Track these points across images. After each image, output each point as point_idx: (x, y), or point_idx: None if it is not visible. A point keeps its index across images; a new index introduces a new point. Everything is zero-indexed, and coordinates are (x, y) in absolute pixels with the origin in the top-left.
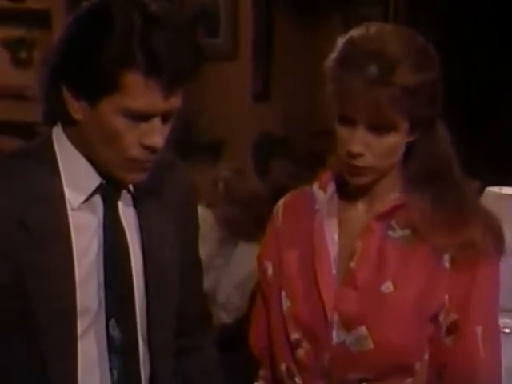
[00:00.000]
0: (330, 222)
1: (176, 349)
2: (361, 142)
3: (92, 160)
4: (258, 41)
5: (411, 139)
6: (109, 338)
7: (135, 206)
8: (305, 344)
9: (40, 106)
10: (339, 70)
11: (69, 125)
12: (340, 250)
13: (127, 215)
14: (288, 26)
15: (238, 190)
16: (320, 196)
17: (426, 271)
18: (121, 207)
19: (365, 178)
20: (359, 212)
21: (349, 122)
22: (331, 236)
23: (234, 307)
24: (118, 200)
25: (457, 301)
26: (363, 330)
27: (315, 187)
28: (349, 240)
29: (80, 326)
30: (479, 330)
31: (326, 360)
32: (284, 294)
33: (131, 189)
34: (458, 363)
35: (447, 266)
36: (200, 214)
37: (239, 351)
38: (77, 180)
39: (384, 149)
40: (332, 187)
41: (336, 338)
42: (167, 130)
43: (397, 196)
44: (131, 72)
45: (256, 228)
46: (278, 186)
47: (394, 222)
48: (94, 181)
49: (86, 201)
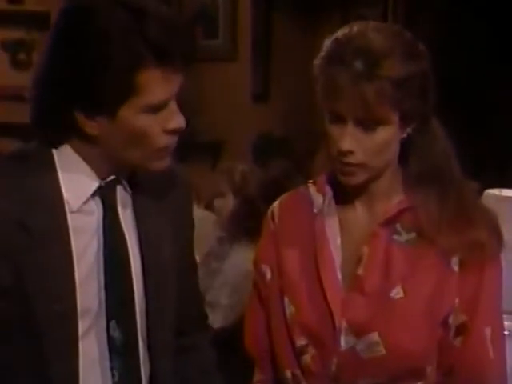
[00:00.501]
0: (331, 225)
1: (175, 348)
2: (351, 138)
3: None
4: (257, 42)
5: (405, 135)
6: (109, 339)
7: (133, 207)
8: (311, 350)
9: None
10: (326, 68)
11: (80, 141)
12: (344, 255)
13: (125, 217)
14: (287, 27)
15: (250, 186)
16: (319, 200)
17: (434, 275)
18: (119, 209)
19: (357, 178)
20: (359, 214)
21: (338, 120)
22: (334, 240)
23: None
24: (116, 202)
25: (465, 302)
26: (375, 336)
27: (312, 190)
28: (352, 245)
29: (81, 326)
30: (488, 330)
31: (333, 366)
32: (287, 300)
33: (129, 190)
34: (467, 364)
35: (456, 268)
36: (200, 216)
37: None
38: (75, 183)
39: (375, 144)
40: (330, 190)
41: (344, 343)
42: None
43: (400, 199)
44: (144, 71)
45: (254, 227)
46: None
47: (399, 226)
48: (93, 183)
49: (84, 203)
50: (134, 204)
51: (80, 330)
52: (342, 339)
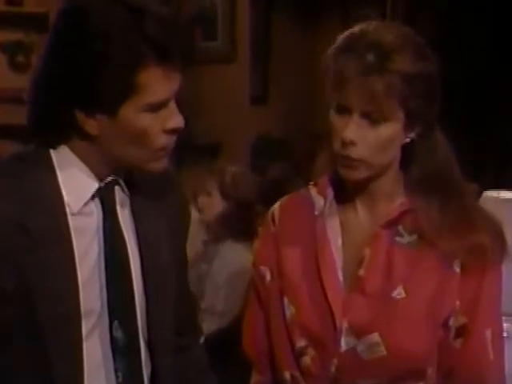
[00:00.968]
0: (333, 226)
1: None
2: (355, 130)
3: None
4: (256, 43)
5: (407, 140)
6: (112, 340)
7: (131, 208)
8: (311, 351)
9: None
10: (337, 57)
11: (79, 142)
12: (345, 256)
13: (124, 217)
14: (286, 29)
15: (240, 188)
16: (320, 202)
17: (436, 276)
18: (118, 210)
19: (358, 173)
20: (360, 216)
21: (344, 111)
22: (335, 241)
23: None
24: (115, 203)
25: (466, 304)
26: (375, 337)
27: (313, 192)
28: (354, 246)
29: (84, 327)
30: (488, 333)
31: (333, 367)
32: (287, 301)
33: (127, 191)
34: (467, 366)
35: (458, 270)
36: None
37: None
38: (74, 184)
39: (378, 139)
40: (331, 192)
41: (345, 344)
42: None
43: (401, 201)
44: (144, 69)
45: (244, 229)
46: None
47: (401, 228)
48: (92, 185)
49: (84, 205)
50: (132, 205)
51: (84, 332)
52: (343, 340)
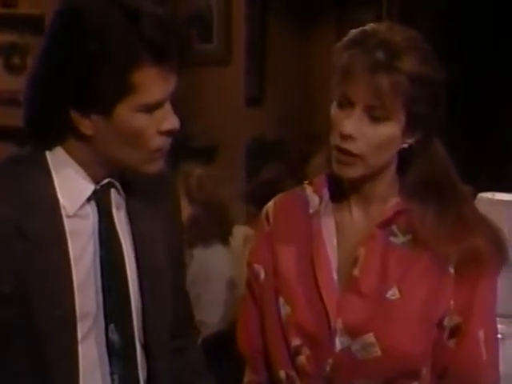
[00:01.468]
0: (328, 226)
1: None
2: (355, 124)
3: (105, 163)
4: (252, 46)
5: (405, 145)
6: (108, 342)
7: (127, 210)
8: (306, 350)
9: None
10: (347, 51)
11: (74, 143)
12: (340, 256)
13: (120, 219)
14: (281, 31)
15: (207, 190)
16: (315, 200)
17: (430, 277)
18: (114, 212)
19: (353, 170)
20: (355, 216)
21: (347, 104)
22: (330, 241)
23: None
24: (111, 205)
25: (460, 304)
26: (370, 337)
27: (309, 191)
28: (348, 246)
29: (80, 330)
30: (481, 333)
31: (328, 366)
32: (282, 300)
33: (122, 193)
34: (460, 366)
35: (452, 271)
36: None
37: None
38: (70, 187)
39: (377, 137)
40: (327, 193)
41: (339, 344)
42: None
43: (396, 201)
44: (140, 69)
45: (214, 232)
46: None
47: (395, 228)
48: (88, 187)
49: (80, 207)
50: (128, 207)
51: (79, 334)
52: (337, 340)
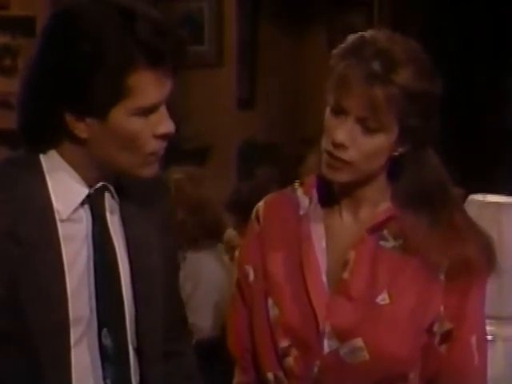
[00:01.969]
0: (317, 229)
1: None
2: (347, 133)
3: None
4: (243, 48)
5: (396, 153)
6: (101, 348)
7: (121, 214)
8: (294, 351)
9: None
10: (343, 59)
11: (68, 146)
12: (329, 259)
13: (113, 223)
14: (273, 33)
15: (187, 193)
16: (305, 202)
17: (420, 282)
18: (107, 216)
19: (342, 175)
20: (345, 220)
21: (340, 113)
22: (319, 244)
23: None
24: (105, 209)
25: (451, 311)
26: (359, 342)
27: (299, 192)
28: (338, 249)
29: (73, 335)
30: (474, 339)
31: (316, 368)
32: (271, 301)
33: (116, 197)
34: (452, 371)
35: (442, 276)
36: None
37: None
38: (64, 190)
39: (369, 147)
40: (315, 194)
41: (327, 347)
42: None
43: (387, 206)
44: (135, 72)
45: (202, 235)
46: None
47: (386, 232)
48: (82, 191)
49: (73, 211)
50: (122, 210)
51: (72, 339)
52: (326, 342)
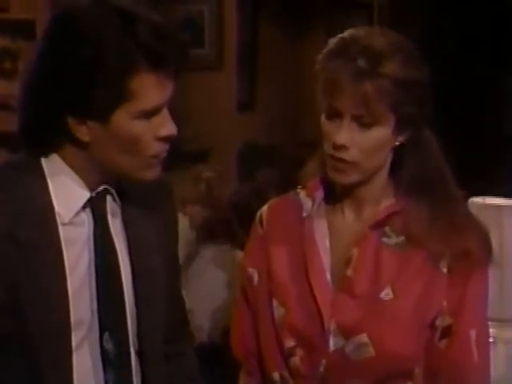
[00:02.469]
0: (320, 228)
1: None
2: (346, 134)
3: (102, 170)
4: (243, 50)
5: (397, 143)
6: (103, 351)
7: (122, 217)
8: (299, 351)
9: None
10: (329, 62)
11: (70, 149)
12: (333, 257)
13: (115, 227)
14: (273, 36)
15: (218, 191)
16: (308, 204)
17: (423, 277)
18: (109, 219)
19: (348, 177)
20: (348, 218)
21: (336, 116)
22: (323, 243)
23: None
24: (106, 213)
25: (452, 305)
26: (364, 338)
27: (302, 195)
28: (341, 247)
29: (74, 338)
30: (473, 333)
31: (322, 367)
32: (276, 302)
33: (118, 201)
34: (451, 367)
35: (445, 271)
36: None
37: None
38: (65, 194)
39: (369, 143)
40: (320, 194)
41: (333, 345)
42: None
43: (390, 203)
44: (137, 75)
45: (229, 233)
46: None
47: (388, 229)
48: (83, 194)
49: (75, 215)
50: (123, 213)
51: (74, 342)
52: (331, 340)
